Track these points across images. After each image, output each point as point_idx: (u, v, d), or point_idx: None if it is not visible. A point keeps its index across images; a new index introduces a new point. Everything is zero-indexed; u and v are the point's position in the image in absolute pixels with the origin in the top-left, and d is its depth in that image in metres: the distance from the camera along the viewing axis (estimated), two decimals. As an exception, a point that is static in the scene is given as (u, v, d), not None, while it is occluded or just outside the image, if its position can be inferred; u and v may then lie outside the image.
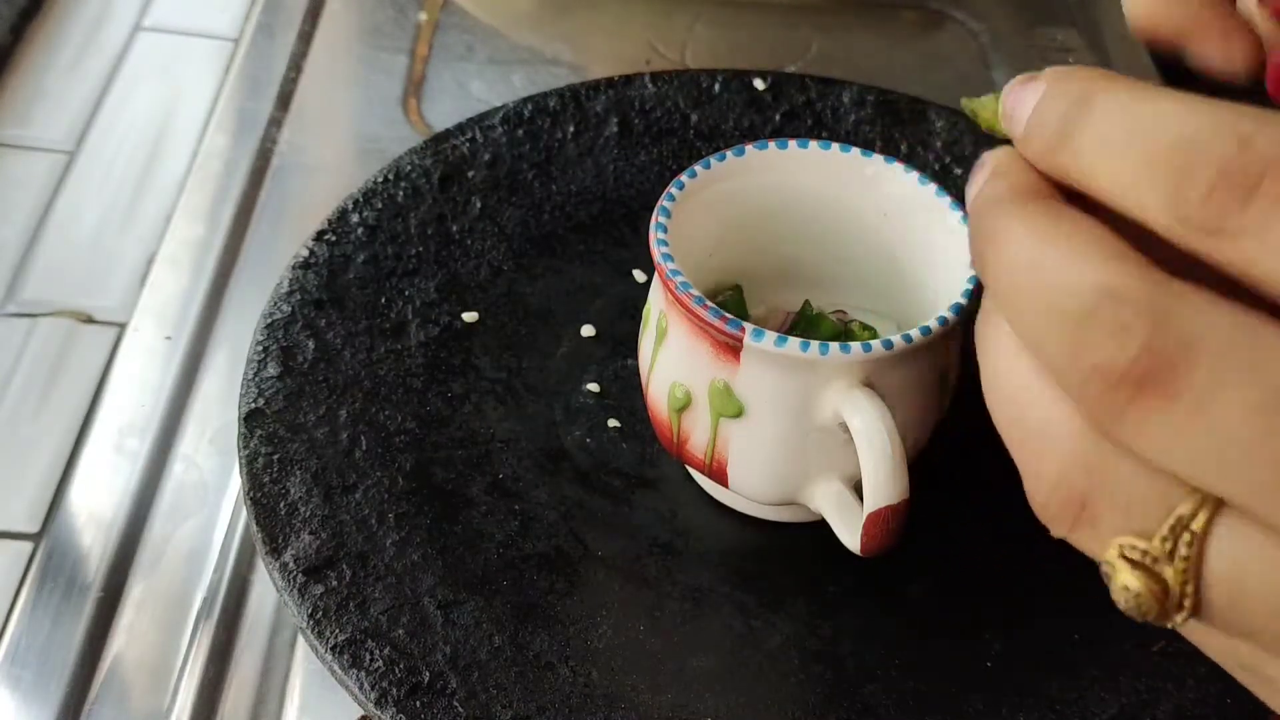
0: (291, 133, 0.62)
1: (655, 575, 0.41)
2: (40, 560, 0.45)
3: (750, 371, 0.37)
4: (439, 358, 0.47)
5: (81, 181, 0.59)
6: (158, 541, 0.46)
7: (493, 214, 0.51)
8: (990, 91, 0.28)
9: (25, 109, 0.62)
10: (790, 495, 0.40)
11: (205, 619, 0.44)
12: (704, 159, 0.41)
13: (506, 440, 0.45)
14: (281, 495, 0.41)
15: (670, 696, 0.38)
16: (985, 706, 0.38)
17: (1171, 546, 0.21)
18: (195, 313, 0.54)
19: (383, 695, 0.37)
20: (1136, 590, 0.22)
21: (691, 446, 0.40)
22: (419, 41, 0.68)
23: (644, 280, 0.50)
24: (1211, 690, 0.39)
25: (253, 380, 0.44)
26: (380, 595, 0.39)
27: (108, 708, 0.42)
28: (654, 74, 0.56)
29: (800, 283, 0.44)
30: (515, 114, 0.54)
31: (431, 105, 0.64)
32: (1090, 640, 0.40)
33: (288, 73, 0.65)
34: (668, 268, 0.38)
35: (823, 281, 0.44)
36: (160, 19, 0.68)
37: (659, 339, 0.40)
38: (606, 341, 0.48)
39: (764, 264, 0.44)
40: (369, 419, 0.44)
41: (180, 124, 0.62)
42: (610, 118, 0.55)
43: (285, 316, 0.46)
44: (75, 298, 0.54)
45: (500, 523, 0.42)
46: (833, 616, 0.41)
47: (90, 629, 0.44)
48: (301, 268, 0.47)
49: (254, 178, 0.60)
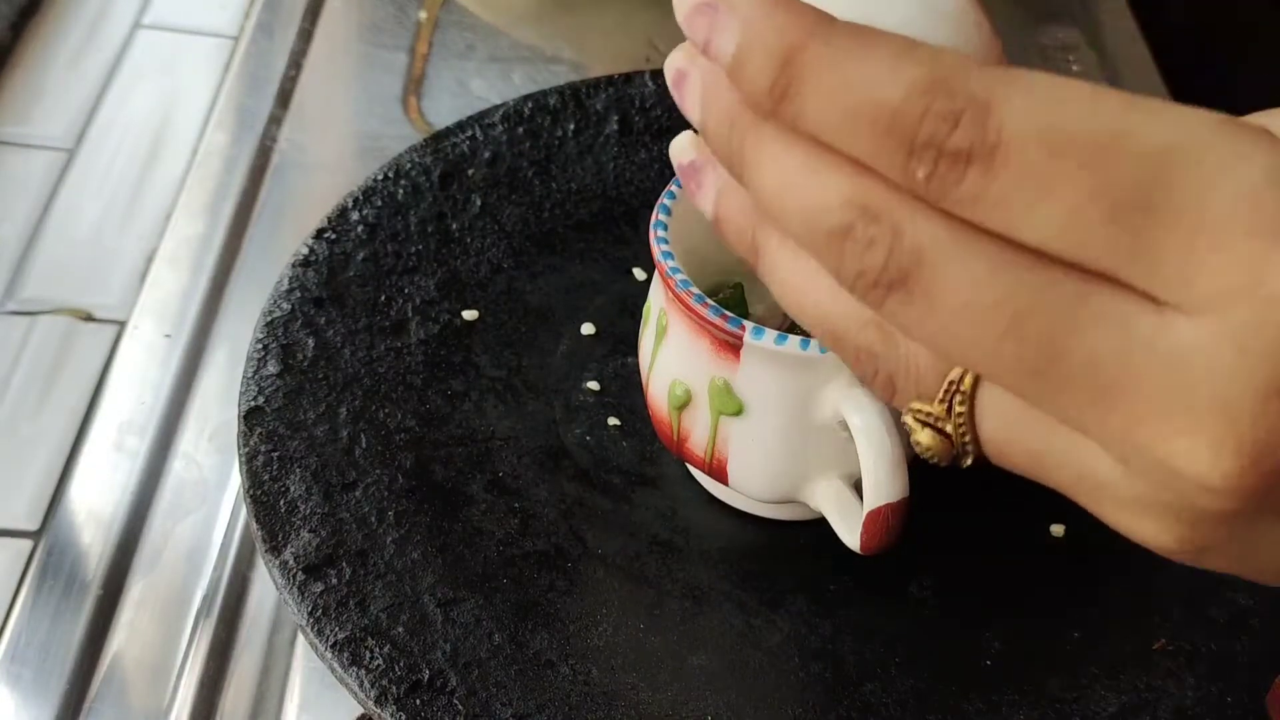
0: (291, 131, 0.62)
1: (655, 573, 0.41)
2: (40, 558, 0.45)
3: (750, 370, 0.37)
4: (439, 355, 0.47)
5: (81, 179, 0.59)
6: (157, 539, 0.46)
7: (493, 212, 0.51)
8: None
9: (25, 107, 0.62)
10: (790, 493, 0.40)
11: (205, 617, 0.44)
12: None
13: (506, 438, 0.45)
14: (281, 493, 0.41)
15: (670, 694, 0.38)
16: (985, 706, 0.38)
17: (948, 407, 0.25)
18: (195, 310, 0.54)
19: (382, 693, 0.37)
20: (928, 444, 0.26)
21: (691, 444, 0.40)
22: (419, 39, 0.68)
23: (644, 278, 0.50)
24: (1211, 690, 0.39)
25: (252, 378, 0.44)
26: (380, 593, 0.39)
27: (108, 705, 0.42)
28: (654, 72, 0.56)
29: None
30: (515, 112, 0.54)
31: (432, 103, 0.64)
32: (1090, 640, 0.40)
33: (287, 70, 0.65)
34: (668, 265, 0.38)
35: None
36: (160, 17, 0.68)
37: (659, 337, 0.40)
38: (606, 339, 0.48)
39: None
40: (369, 417, 0.44)
41: (180, 122, 0.62)
42: (610, 116, 0.55)
43: (285, 314, 0.46)
44: (75, 296, 0.54)
45: (500, 521, 0.42)
46: (832, 615, 0.41)
47: (90, 627, 0.44)
48: (301, 265, 0.47)
49: (254, 175, 0.60)
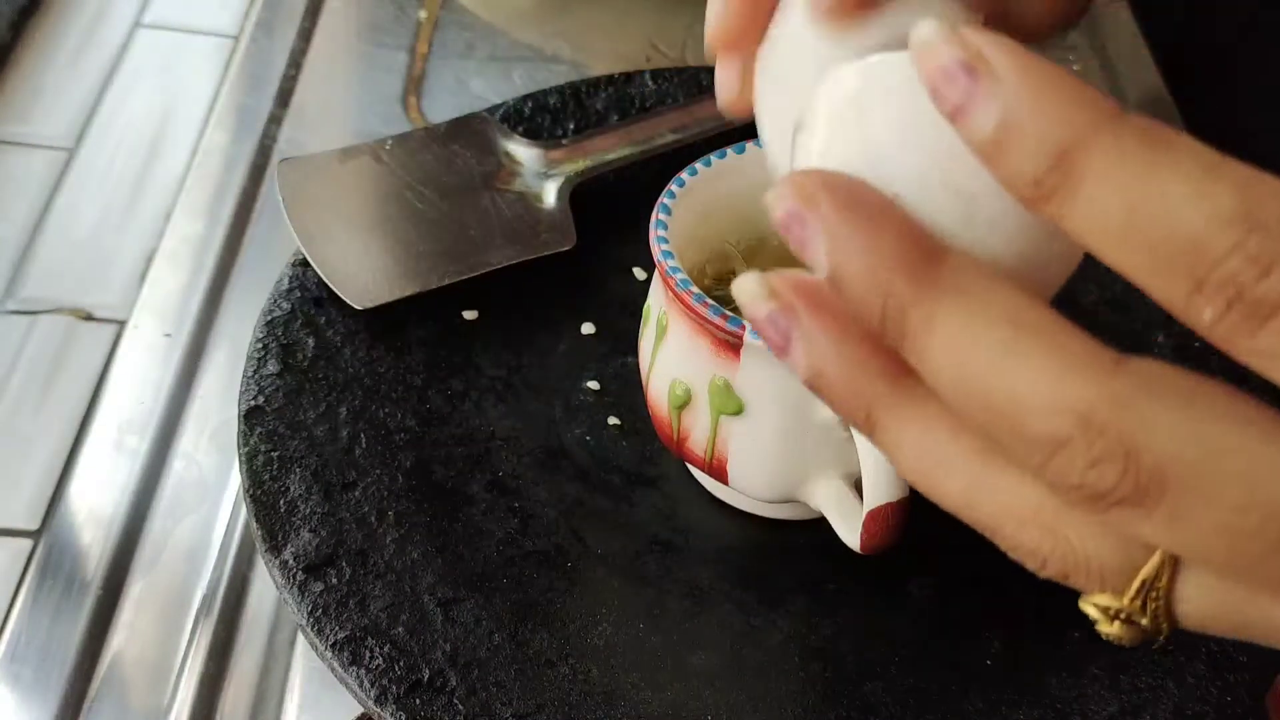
0: (291, 130, 0.62)
1: (655, 573, 0.41)
2: (40, 557, 0.45)
3: (750, 369, 0.37)
4: (439, 355, 0.47)
5: (81, 179, 0.59)
6: (157, 539, 0.46)
7: (493, 211, 0.51)
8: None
9: (25, 106, 0.62)
10: (790, 493, 0.40)
11: (205, 616, 0.44)
12: (704, 156, 0.41)
13: (506, 438, 0.45)
14: (281, 493, 0.41)
15: (670, 694, 0.38)
16: (985, 705, 0.38)
17: (1141, 602, 0.23)
18: (195, 310, 0.54)
19: (382, 693, 0.37)
20: (1117, 634, 0.24)
21: (691, 444, 0.40)
22: (419, 39, 0.68)
23: (644, 278, 0.50)
24: (1211, 690, 0.39)
25: (252, 377, 0.44)
26: (380, 593, 0.39)
27: (107, 705, 0.42)
28: (654, 72, 0.56)
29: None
30: (515, 111, 0.54)
31: (431, 102, 0.64)
32: (1090, 639, 0.40)
33: (287, 70, 0.65)
34: (668, 265, 0.38)
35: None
36: (160, 16, 0.68)
37: (659, 336, 0.40)
38: (606, 339, 0.48)
39: (765, 261, 0.44)
40: (369, 416, 0.44)
41: (180, 121, 0.62)
42: (610, 115, 0.55)
43: (285, 314, 0.46)
44: (75, 295, 0.54)
45: (500, 520, 0.42)
46: (833, 614, 0.41)
47: (90, 626, 0.44)
48: (301, 265, 0.47)
49: (254, 175, 0.60)
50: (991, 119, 0.21)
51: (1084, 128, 0.21)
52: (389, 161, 0.50)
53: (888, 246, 0.23)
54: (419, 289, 0.46)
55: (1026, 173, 0.21)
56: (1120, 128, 0.20)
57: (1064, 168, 0.21)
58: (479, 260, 0.48)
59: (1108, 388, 0.21)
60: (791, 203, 0.24)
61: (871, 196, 0.23)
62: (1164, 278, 0.20)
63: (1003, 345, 0.22)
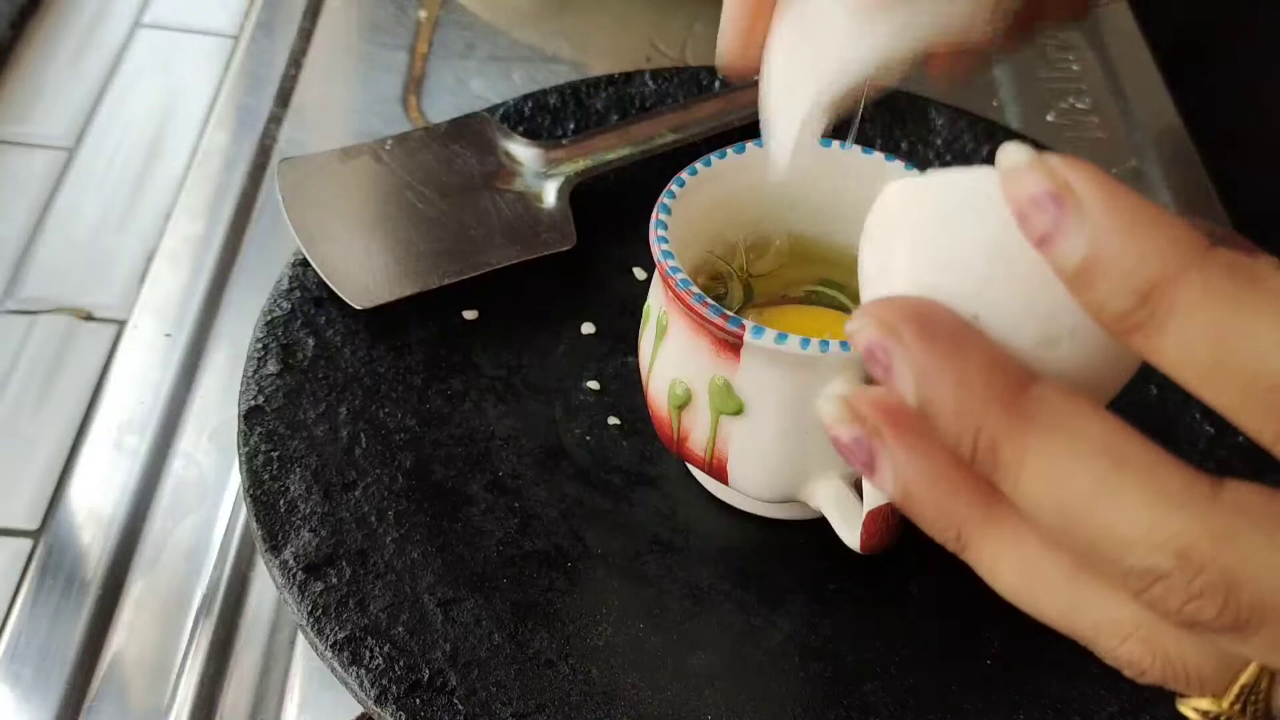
0: (291, 130, 0.62)
1: (655, 573, 0.41)
2: (40, 557, 0.45)
3: (750, 369, 0.37)
4: (439, 355, 0.47)
5: (81, 178, 0.59)
6: (157, 539, 0.46)
7: (493, 211, 0.51)
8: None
9: (25, 106, 0.62)
10: (790, 492, 0.40)
11: (205, 616, 0.44)
12: (704, 156, 0.41)
13: (506, 438, 0.45)
14: (281, 492, 0.41)
15: (670, 694, 0.38)
16: (985, 705, 0.38)
17: (1241, 706, 0.24)
18: (195, 310, 0.54)
19: (382, 692, 0.37)
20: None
21: (691, 444, 0.40)
22: (419, 38, 0.67)
23: (644, 278, 0.50)
24: (1211, 688, 0.39)
25: (252, 377, 0.44)
26: (380, 593, 0.39)
27: (107, 705, 0.42)
28: (654, 71, 0.56)
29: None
30: (515, 111, 0.54)
31: (431, 102, 0.64)
32: (1090, 638, 0.40)
33: (287, 70, 0.65)
34: (668, 265, 0.38)
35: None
36: (160, 16, 0.68)
37: (659, 336, 0.40)
38: (606, 339, 0.48)
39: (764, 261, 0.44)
40: (369, 416, 0.44)
41: (180, 121, 0.62)
42: (610, 115, 0.55)
43: (285, 313, 0.46)
44: (75, 295, 0.54)
45: (500, 520, 0.42)
46: (832, 614, 0.41)
47: (90, 626, 0.43)
48: (301, 265, 0.47)
49: (254, 175, 0.60)
50: (1080, 250, 0.21)
51: (1173, 263, 0.21)
52: (389, 161, 0.50)
53: (975, 378, 0.23)
54: (419, 289, 0.46)
55: (1114, 305, 0.21)
56: (1208, 264, 0.21)
57: (1152, 303, 0.21)
58: (479, 260, 0.48)
59: (1205, 522, 0.21)
60: (874, 334, 0.23)
61: (953, 323, 0.23)
62: (1253, 417, 0.21)
63: (1098, 480, 0.22)
